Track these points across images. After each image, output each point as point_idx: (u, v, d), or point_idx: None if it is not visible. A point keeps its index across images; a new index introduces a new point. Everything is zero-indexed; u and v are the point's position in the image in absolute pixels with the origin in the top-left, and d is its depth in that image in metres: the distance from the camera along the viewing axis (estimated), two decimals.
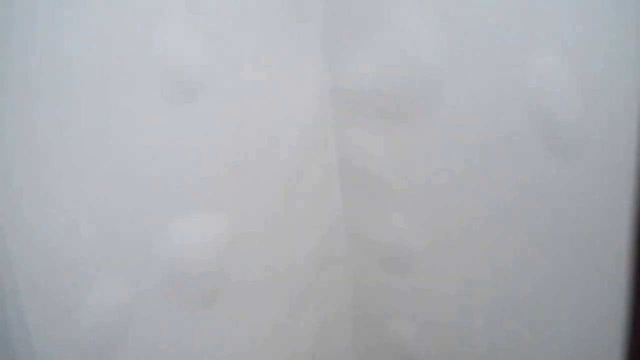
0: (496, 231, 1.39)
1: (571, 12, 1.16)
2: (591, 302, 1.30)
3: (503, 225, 1.38)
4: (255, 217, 1.43)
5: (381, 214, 1.57)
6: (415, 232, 1.52)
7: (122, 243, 1.19)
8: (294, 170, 1.49)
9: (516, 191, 1.33)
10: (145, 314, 1.24)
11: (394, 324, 1.65)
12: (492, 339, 1.47)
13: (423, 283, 1.55)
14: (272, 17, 1.39)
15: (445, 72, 1.34)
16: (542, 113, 1.25)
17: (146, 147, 1.20)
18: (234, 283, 1.40)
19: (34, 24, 1.03)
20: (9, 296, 0.97)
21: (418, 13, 1.34)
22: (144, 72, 1.18)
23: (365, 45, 1.44)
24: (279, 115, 1.44)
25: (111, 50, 1.13)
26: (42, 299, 1.08)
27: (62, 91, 1.07)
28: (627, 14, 1.10)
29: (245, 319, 1.45)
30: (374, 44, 1.42)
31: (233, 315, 1.41)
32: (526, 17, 1.21)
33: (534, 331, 1.40)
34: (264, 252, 1.46)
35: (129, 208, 1.20)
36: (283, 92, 1.44)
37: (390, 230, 1.56)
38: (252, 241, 1.43)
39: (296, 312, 1.57)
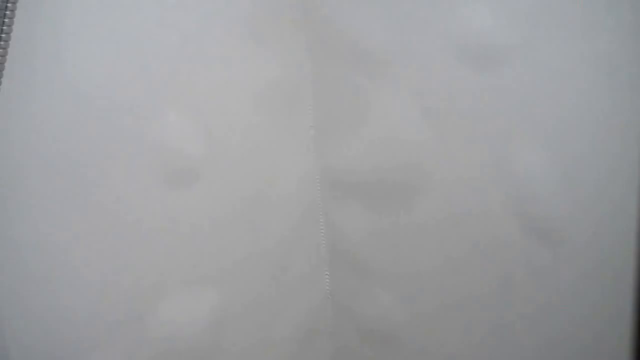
0: (481, 314, 1.40)
1: (554, 101, 1.19)
2: None
3: (486, 307, 1.38)
4: (245, 292, 1.45)
5: (367, 291, 1.58)
6: (399, 309, 1.52)
7: (115, 321, 1.22)
8: (283, 248, 1.52)
9: (499, 275, 1.34)
10: None
11: None
12: None
13: (408, 358, 1.55)
14: (265, 105, 1.45)
15: (429, 159, 1.38)
16: (525, 200, 1.27)
17: (142, 227, 1.24)
18: (222, 356, 1.41)
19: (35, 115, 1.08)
20: None
21: (403, 104, 1.38)
22: (143, 159, 1.24)
23: (353, 130, 1.49)
24: (270, 195, 1.48)
25: (114, 140, 1.19)
26: None
27: (64, 172, 1.13)
28: (610, 102, 1.13)
29: None
30: (362, 129, 1.47)
31: None
32: (508, 107, 1.25)
33: None
34: (252, 325, 1.48)
35: (123, 286, 1.23)
36: (273, 175, 1.49)
37: (375, 307, 1.57)
38: (241, 315, 1.45)
39: None
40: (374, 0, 1.37)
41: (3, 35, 0.94)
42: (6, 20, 0.93)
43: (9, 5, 0.92)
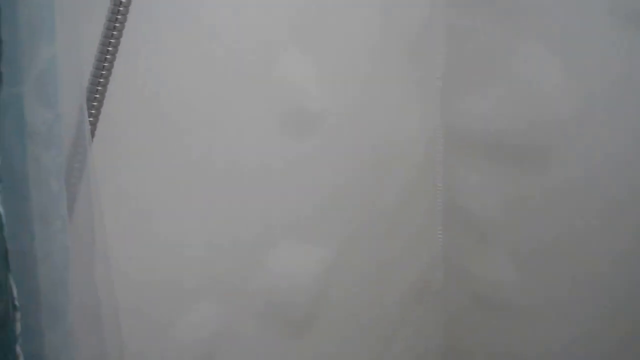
0: (609, 288, 1.33)
1: None
2: None
3: (615, 282, 1.32)
4: (356, 249, 1.41)
5: (482, 254, 1.52)
6: (515, 276, 1.46)
7: (222, 271, 1.20)
8: (397, 206, 1.47)
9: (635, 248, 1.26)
10: (239, 339, 1.24)
11: None
12: None
13: (521, 326, 1.49)
14: (393, 55, 1.38)
15: (569, 122, 1.29)
16: None
17: (252, 176, 1.21)
18: (330, 312, 1.39)
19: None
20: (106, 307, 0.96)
21: (545, 57, 1.29)
22: (262, 103, 1.19)
23: (485, 85, 1.41)
24: (387, 151, 1.43)
25: (231, 80, 1.15)
26: (138, 314, 1.07)
27: (177, 118, 1.10)
28: None
29: (338, 348, 1.43)
30: (495, 84, 1.39)
31: (326, 343, 1.40)
32: None
33: None
34: (362, 282, 1.45)
35: (231, 236, 1.20)
36: (394, 128, 1.43)
37: (489, 271, 1.52)
38: (351, 272, 1.42)
39: (388, 342, 1.54)
40: None
41: None
42: None
43: None
